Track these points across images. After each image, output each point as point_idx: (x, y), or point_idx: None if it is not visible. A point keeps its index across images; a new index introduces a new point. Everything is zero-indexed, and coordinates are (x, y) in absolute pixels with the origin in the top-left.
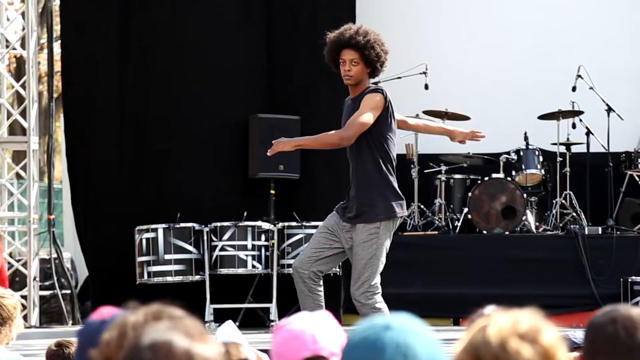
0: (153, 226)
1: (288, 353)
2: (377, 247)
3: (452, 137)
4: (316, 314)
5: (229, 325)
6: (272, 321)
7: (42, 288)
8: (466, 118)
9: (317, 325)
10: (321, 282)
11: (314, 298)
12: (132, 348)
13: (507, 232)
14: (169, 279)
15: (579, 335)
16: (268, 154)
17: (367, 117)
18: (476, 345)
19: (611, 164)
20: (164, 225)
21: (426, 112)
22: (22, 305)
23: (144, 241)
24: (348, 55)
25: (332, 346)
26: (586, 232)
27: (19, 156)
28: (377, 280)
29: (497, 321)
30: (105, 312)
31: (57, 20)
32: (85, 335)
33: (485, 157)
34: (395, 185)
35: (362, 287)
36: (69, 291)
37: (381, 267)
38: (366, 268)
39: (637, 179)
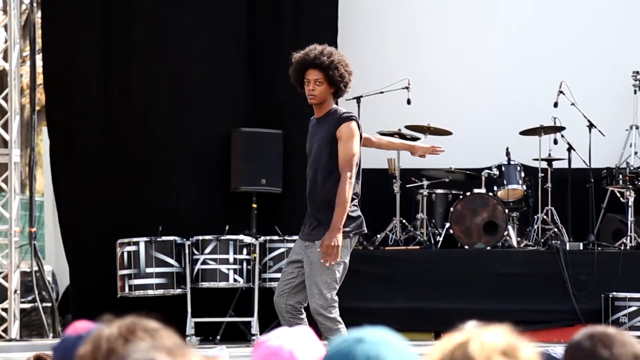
0: (135, 239)
1: None
2: (335, 263)
3: (412, 151)
4: (295, 330)
5: (222, 352)
6: (254, 335)
7: (22, 301)
8: (448, 133)
9: (295, 341)
10: (302, 314)
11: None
12: None
13: (488, 247)
14: (150, 292)
15: (558, 351)
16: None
17: (355, 148)
18: None
19: (592, 180)
20: (145, 239)
21: (408, 127)
22: (2, 317)
23: (125, 254)
24: (312, 75)
25: None
26: (567, 248)
27: (0, 169)
28: (335, 294)
29: (477, 337)
30: (80, 326)
31: (39, 32)
32: (60, 350)
33: (467, 172)
34: (356, 203)
35: (326, 302)
36: (49, 304)
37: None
38: (326, 284)
39: (618, 195)
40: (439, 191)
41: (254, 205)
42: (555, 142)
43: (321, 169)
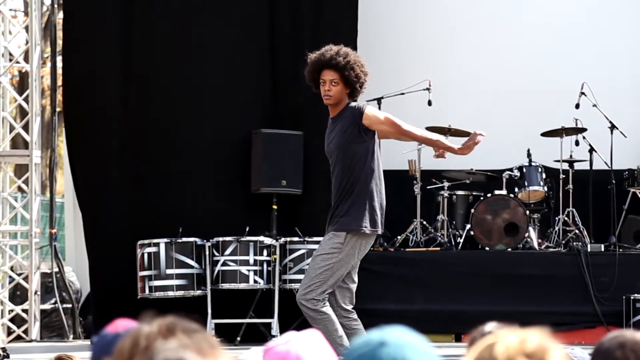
0: (155, 241)
1: None
2: (338, 259)
3: (459, 151)
4: (304, 334)
5: (255, 353)
6: (274, 336)
7: (43, 302)
8: (469, 134)
9: (302, 346)
10: (352, 314)
11: (351, 333)
12: None
13: (509, 249)
14: (171, 293)
15: (578, 353)
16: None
17: (387, 115)
18: None
19: (614, 181)
20: (166, 240)
21: (429, 128)
22: (22, 318)
23: (145, 255)
24: (328, 76)
25: None
26: (589, 250)
27: (21, 170)
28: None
29: (504, 339)
30: (120, 324)
31: (60, 34)
32: (99, 346)
33: (488, 173)
34: (377, 202)
35: (310, 294)
36: (70, 305)
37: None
38: (319, 276)
39: None
40: (460, 192)
41: (274, 207)
42: (577, 143)
43: (340, 162)
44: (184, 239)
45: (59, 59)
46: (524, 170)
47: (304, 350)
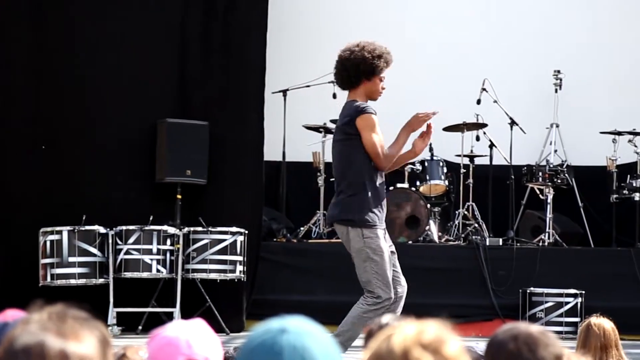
0: (58, 228)
1: (163, 359)
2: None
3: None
4: (191, 322)
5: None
6: None
7: None
8: None
9: (191, 332)
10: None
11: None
12: (6, 353)
13: (410, 242)
14: (73, 281)
15: (482, 347)
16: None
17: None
18: (381, 353)
19: (513, 177)
20: (68, 228)
21: (333, 121)
22: None
23: (48, 243)
24: (385, 74)
25: (207, 351)
26: (487, 243)
27: None
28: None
29: (402, 330)
30: (9, 314)
31: None
32: None
33: None
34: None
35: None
36: None
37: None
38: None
39: (538, 192)
40: None
41: (179, 196)
42: (478, 138)
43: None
44: (87, 227)
45: None
46: (426, 164)
47: (193, 337)
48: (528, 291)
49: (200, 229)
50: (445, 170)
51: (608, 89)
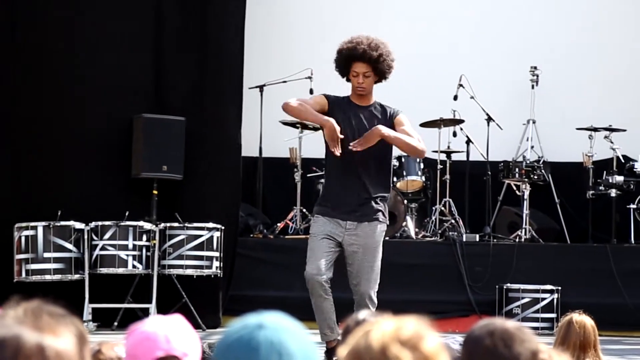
0: (33, 224)
1: (141, 353)
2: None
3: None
4: (169, 317)
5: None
6: None
7: None
8: None
9: (170, 327)
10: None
11: (330, 301)
12: None
13: (387, 238)
14: (48, 277)
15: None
16: (357, 148)
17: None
18: (359, 349)
19: (490, 173)
20: (44, 223)
21: None
22: None
23: (22, 239)
24: (361, 69)
25: (185, 347)
26: (464, 239)
27: None
28: None
29: (380, 327)
30: None
31: None
32: None
33: None
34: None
35: (376, 286)
36: None
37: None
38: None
39: (514, 188)
40: None
41: (155, 192)
42: (455, 134)
43: (376, 153)
44: (63, 223)
45: None
46: (403, 160)
47: (172, 332)
48: (505, 287)
49: (176, 224)
50: (422, 166)
51: (584, 86)
